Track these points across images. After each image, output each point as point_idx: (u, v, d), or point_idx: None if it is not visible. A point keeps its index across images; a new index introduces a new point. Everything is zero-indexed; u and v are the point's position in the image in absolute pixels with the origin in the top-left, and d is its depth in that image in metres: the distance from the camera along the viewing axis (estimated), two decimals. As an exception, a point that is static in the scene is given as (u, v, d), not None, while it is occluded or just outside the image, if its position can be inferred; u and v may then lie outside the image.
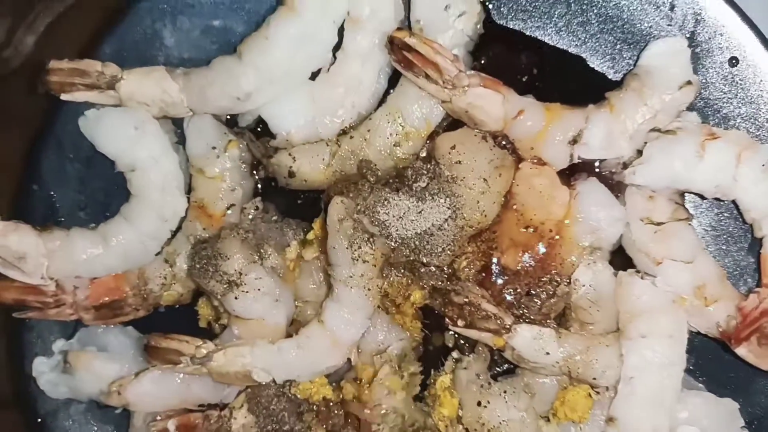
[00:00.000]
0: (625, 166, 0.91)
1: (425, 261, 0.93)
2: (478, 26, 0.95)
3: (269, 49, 0.93)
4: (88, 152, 1.00)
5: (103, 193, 1.02)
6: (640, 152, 0.90)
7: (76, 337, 1.01)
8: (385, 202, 0.92)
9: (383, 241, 0.92)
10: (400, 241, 0.92)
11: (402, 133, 0.96)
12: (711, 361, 0.96)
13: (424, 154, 0.98)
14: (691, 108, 0.92)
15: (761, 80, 0.91)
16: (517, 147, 0.94)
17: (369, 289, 0.92)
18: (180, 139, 1.00)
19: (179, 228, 1.00)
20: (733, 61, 0.92)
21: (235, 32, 0.99)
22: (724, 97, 0.93)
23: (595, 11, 0.95)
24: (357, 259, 0.91)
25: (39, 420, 1.02)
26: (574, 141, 0.91)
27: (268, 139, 0.99)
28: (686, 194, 0.94)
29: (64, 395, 0.99)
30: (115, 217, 0.99)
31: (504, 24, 0.97)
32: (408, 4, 0.95)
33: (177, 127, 1.00)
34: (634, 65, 0.93)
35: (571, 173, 0.94)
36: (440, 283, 0.95)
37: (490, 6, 0.96)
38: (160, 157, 0.96)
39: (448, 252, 0.94)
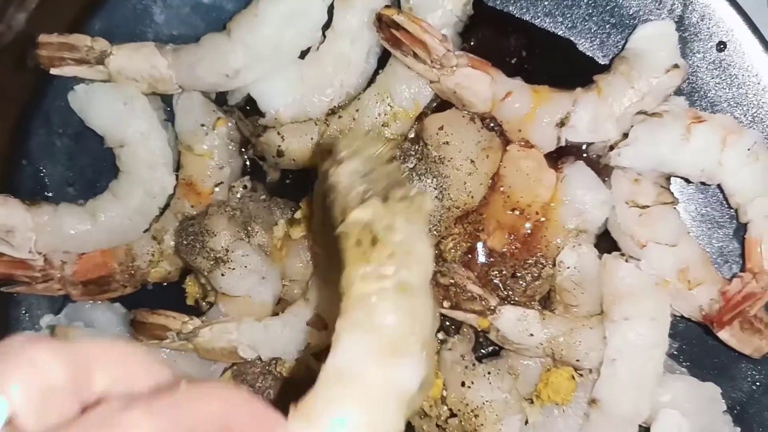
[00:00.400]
0: (612, 149, 0.91)
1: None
2: (468, 7, 0.94)
3: (258, 27, 0.93)
4: (77, 128, 0.99)
5: (92, 168, 1.02)
6: (626, 135, 0.90)
7: (63, 313, 1.02)
8: None
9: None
10: None
11: (390, 113, 0.96)
12: (694, 345, 0.96)
13: (412, 135, 0.98)
14: (678, 92, 0.92)
15: (748, 65, 0.91)
16: (504, 129, 0.94)
17: None
18: (169, 117, 1.00)
19: (168, 205, 1.00)
20: (721, 46, 0.92)
21: (226, 9, 0.99)
22: (711, 82, 0.93)
23: (585, -3, 0.95)
24: None
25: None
26: (562, 124, 0.91)
27: (257, 117, 0.99)
28: (672, 179, 0.94)
29: (51, 370, 0.99)
30: (104, 193, 0.99)
31: (494, 5, 0.97)
32: (398, -17, 0.95)
33: (166, 105, 1.00)
34: (623, 48, 0.93)
35: (558, 156, 0.94)
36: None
37: (481, -14, 0.96)
38: (149, 133, 0.96)
39: (435, 233, 0.94)
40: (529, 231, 0.94)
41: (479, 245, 0.96)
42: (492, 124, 0.94)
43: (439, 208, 0.93)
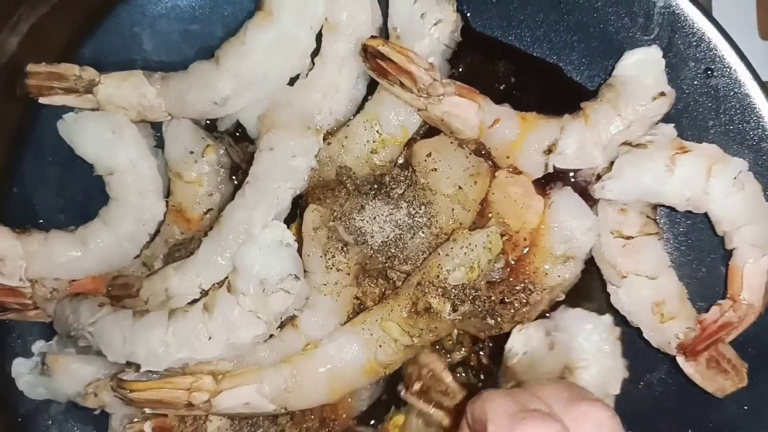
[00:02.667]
0: (599, 177, 0.91)
1: (400, 269, 0.93)
2: (455, 34, 0.95)
3: (246, 54, 0.93)
4: (67, 155, 0.99)
5: (83, 195, 1.02)
6: (611, 165, 0.90)
7: (55, 339, 1.02)
8: (362, 209, 0.93)
9: (358, 250, 0.92)
10: (375, 248, 0.93)
11: (379, 140, 0.96)
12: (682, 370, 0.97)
13: (402, 161, 0.98)
14: (666, 119, 0.92)
15: (734, 91, 0.92)
16: (492, 155, 0.94)
17: (341, 297, 0.92)
18: (159, 143, 1.00)
19: (158, 232, 1.01)
20: (708, 72, 0.92)
21: (215, 37, 0.99)
22: (699, 108, 0.93)
23: (573, 20, 0.95)
24: (331, 268, 0.92)
25: (19, 420, 1.03)
26: (549, 151, 0.92)
27: (248, 144, 0.99)
28: (660, 206, 0.95)
29: (43, 396, 1.00)
30: (94, 220, 0.99)
31: (482, 32, 0.97)
32: (386, 11, 0.95)
33: (156, 131, 1.01)
34: (610, 75, 0.93)
35: (546, 182, 0.95)
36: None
37: (469, 14, 0.96)
38: (138, 160, 0.97)
39: (423, 259, 0.94)
40: (516, 258, 0.94)
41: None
42: (482, 151, 0.95)
43: (427, 235, 0.94)
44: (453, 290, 0.90)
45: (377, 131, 0.96)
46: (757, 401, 0.95)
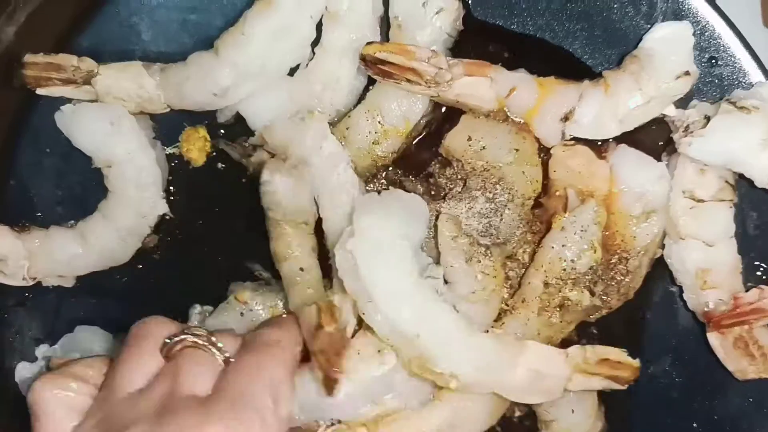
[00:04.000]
0: (688, 128, 0.88)
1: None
2: (458, 22, 0.94)
3: (246, 44, 0.92)
4: (65, 146, 0.98)
5: (81, 187, 1.00)
6: (707, 118, 0.86)
7: (60, 343, 1.01)
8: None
9: (499, 250, 0.92)
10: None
11: (381, 131, 0.95)
12: (687, 362, 0.96)
13: (436, 168, 0.98)
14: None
15: (739, 80, 0.91)
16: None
17: (491, 302, 0.91)
18: (158, 135, 0.99)
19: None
20: (713, 61, 0.92)
21: (214, 26, 0.97)
22: (703, 97, 0.92)
23: (576, 9, 0.94)
24: (478, 274, 0.90)
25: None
26: (566, 118, 0.90)
27: (246, 138, 0.98)
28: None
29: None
30: (94, 214, 0.98)
31: (484, 20, 0.96)
32: (387, 1, 0.94)
33: (155, 123, 1.00)
34: (619, 63, 0.92)
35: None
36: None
37: (470, 2, 0.95)
38: (137, 152, 0.95)
39: (523, 230, 0.94)
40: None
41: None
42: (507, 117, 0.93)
43: (513, 209, 0.92)
44: (585, 277, 0.88)
45: (379, 122, 0.95)
46: (762, 393, 0.94)
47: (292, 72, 0.96)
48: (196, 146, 1.00)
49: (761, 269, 0.93)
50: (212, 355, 0.81)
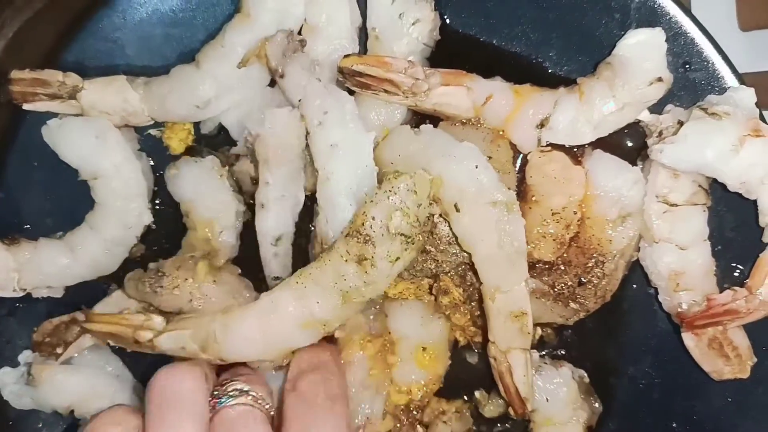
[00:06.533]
0: (661, 134, 0.90)
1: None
2: (434, 33, 0.95)
3: (226, 57, 0.94)
4: (53, 159, 1.00)
5: (70, 199, 1.02)
6: (681, 123, 0.88)
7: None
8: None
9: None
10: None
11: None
12: (668, 362, 0.98)
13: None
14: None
15: (712, 84, 0.92)
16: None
17: None
18: (142, 147, 1.01)
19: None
20: (687, 66, 0.93)
21: (196, 40, 0.99)
22: (678, 102, 0.93)
23: (551, 17, 0.95)
24: None
25: (10, 423, 1.04)
26: (542, 125, 0.91)
27: (228, 147, 1.00)
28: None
29: (29, 406, 1.00)
30: (81, 225, 1.00)
31: (460, 31, 0.97)
32: (365, 12, 0.95)
33: (140, 135, 1.02)
34: (594, 69, 0.93)
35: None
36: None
37: (447, 13, 0.97)
38: (122, 165, 0.97)
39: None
40: (573, 234, 0.93)
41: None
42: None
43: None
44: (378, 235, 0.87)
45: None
46: (740, 393, 0.95)
47: (273, 83, 0.97)
48: (178, 136, 1.02)
49: (738, 271, 0.94)
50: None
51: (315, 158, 0.93)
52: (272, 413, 0.84)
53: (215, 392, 0.82)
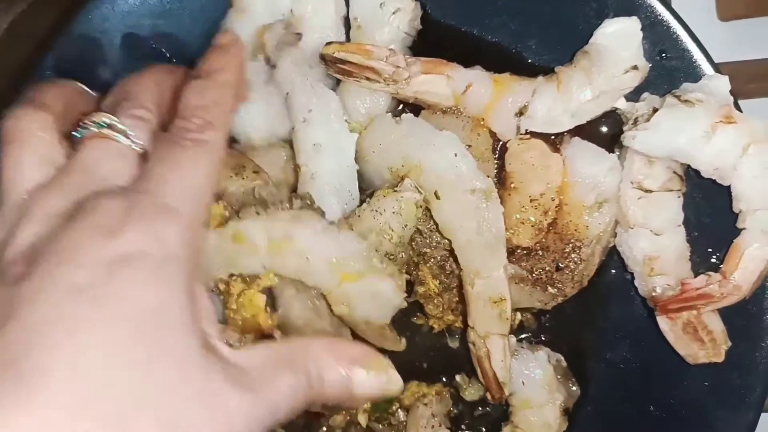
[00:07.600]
0: (636, 121, 0.91)
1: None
2: (416, 22, 0.97)
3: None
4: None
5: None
6: (655, 110, 0.89)
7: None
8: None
9: None
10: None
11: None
12: (644, 347, 0.99)
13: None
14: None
15: (687, 73, 0.93)
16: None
17: None
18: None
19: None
20: (663, 55, 0.94)
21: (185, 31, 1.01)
22: (653, 90, 0.94)
23: (530, 7, 0.97)
24: None
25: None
26: (521, 113, 0.93)
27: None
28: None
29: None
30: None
31: (441, 20, 0.99)
32: (348, 2, 0.98)
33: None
34: (572, 59, 0.95)
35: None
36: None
37: (428, 3, 0.99)
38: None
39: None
40: (551, 220, 0.94)
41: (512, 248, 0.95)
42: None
43: None
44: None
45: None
46: (716, 378, 0.96)
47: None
48: None
49: (715, 257, 0.96)
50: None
51: (297, 155, 0.96)
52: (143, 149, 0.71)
53: (80, 123, 0.71)
